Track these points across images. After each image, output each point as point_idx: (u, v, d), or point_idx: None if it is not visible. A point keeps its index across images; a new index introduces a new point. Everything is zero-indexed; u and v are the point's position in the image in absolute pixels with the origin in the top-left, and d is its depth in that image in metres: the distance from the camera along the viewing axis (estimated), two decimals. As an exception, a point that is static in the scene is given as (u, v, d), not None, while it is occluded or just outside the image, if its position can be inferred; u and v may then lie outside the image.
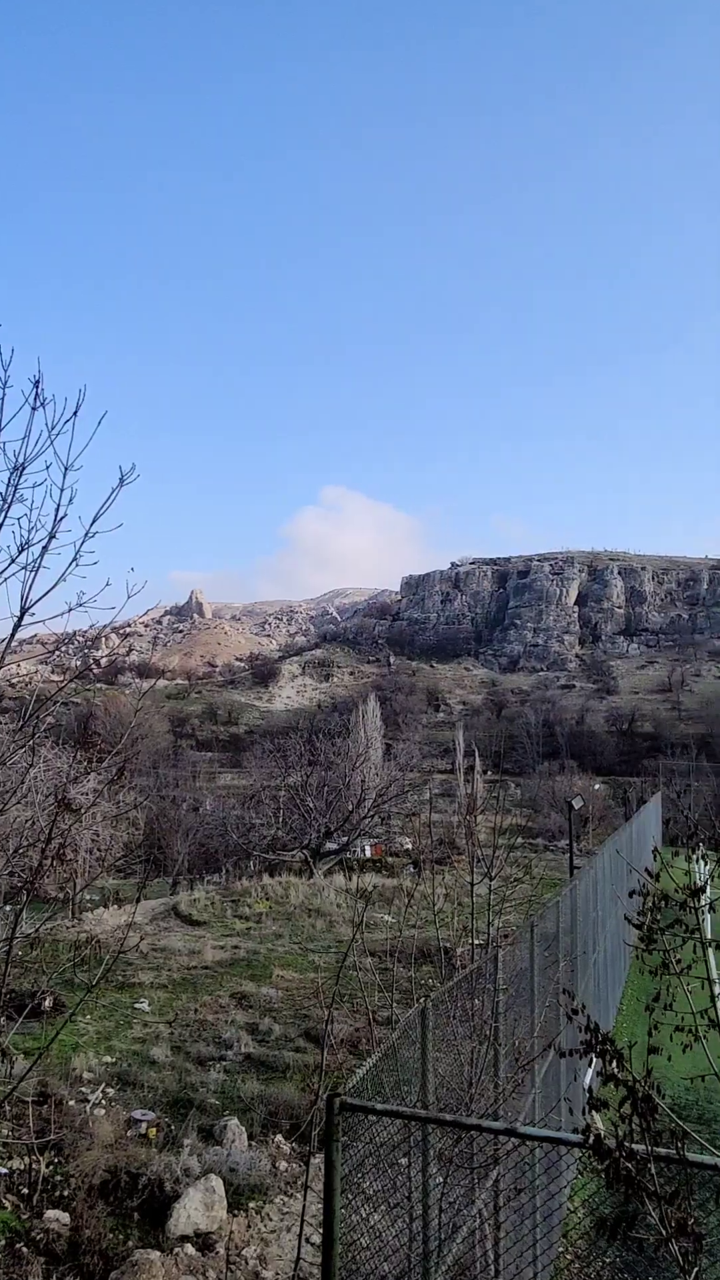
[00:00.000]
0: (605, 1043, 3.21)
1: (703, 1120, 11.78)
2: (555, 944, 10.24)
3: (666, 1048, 3.48)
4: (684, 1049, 3.45)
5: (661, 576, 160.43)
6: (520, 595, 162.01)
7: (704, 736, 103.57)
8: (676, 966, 3.56)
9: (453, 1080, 6.71)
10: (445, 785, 78.33)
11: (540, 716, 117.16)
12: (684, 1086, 10.99)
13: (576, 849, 36.66)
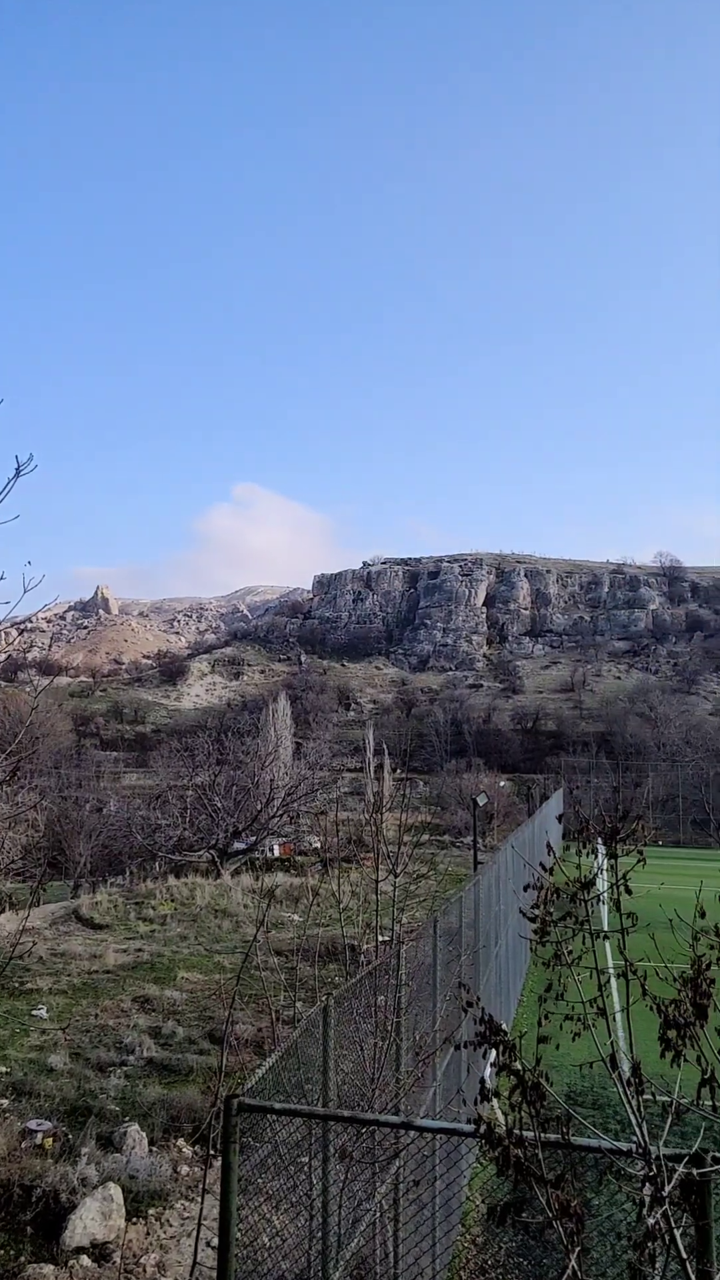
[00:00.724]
0: (498, 1034, 3.29)
1: (597, 1105, 12.18)
2: (458, 938, 10.43)
3: (556, 1037, 3.59)
4: (574, 1037, 3.56)
5: (565, 580, 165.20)
6: (430, 595, 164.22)
7: (603, 734, 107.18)
8: (568, 958, 3.67)
9: (356, 1076, 6.76)
10: (355, 783, 78.71)
11: (449, 715, 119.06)
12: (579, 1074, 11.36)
13: (481, 845, 37.40)
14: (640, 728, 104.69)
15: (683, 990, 3.19)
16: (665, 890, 5.64)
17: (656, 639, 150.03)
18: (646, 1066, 3.43)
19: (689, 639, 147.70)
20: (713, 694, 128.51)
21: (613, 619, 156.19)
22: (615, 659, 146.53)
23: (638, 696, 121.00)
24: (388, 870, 11.49)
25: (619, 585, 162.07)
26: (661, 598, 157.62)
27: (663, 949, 4.13)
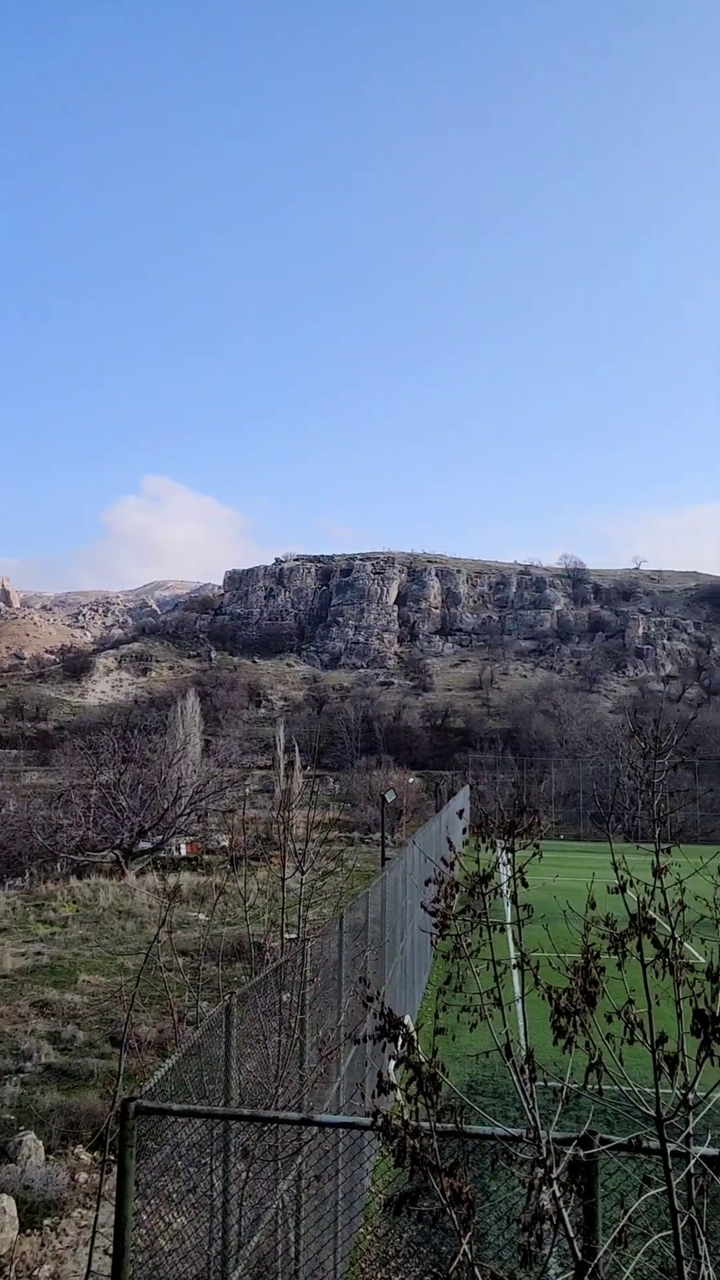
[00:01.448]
0: (397, 1027, 3.34)
1: (497, 1094, 12.48)
2: (365, 934, 10.52)
3: (455, 1028, 3.66)
4: (471, 1028, 3.64)
5: (475, 580, 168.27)
6: (343, 593, 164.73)
7: (509, 731, 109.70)
8: (467, 950, 3.75)
9: (260, 1074, 6.74)
10: (265, 781, 78.32)
11: (360, 712, 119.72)
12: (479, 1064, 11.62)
13: (390, 841, 37.76)
14: (544, 725, 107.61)
15: (574, 979, 3.30)
16: (560, 883, 5.84)
17: (561, 639, 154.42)
18: (543, 1054, 3.54)
19: (591, 639, 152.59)
20: (613, 692, 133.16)
21: (520, 619, 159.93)
22: (522, 658, 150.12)
23: (542, 694, 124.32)
24: (295, 867, 11.48)
25: (526, 586, 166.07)
26: (566, 599, 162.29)
27: (557, 940, 4.27)
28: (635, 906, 3.28)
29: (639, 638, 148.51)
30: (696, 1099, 3.38)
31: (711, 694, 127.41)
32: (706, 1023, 2.81)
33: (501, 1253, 4.52)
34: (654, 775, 3.73)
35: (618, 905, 3.63)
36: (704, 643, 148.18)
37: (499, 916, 3.98)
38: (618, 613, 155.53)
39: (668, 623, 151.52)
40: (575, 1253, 2.92)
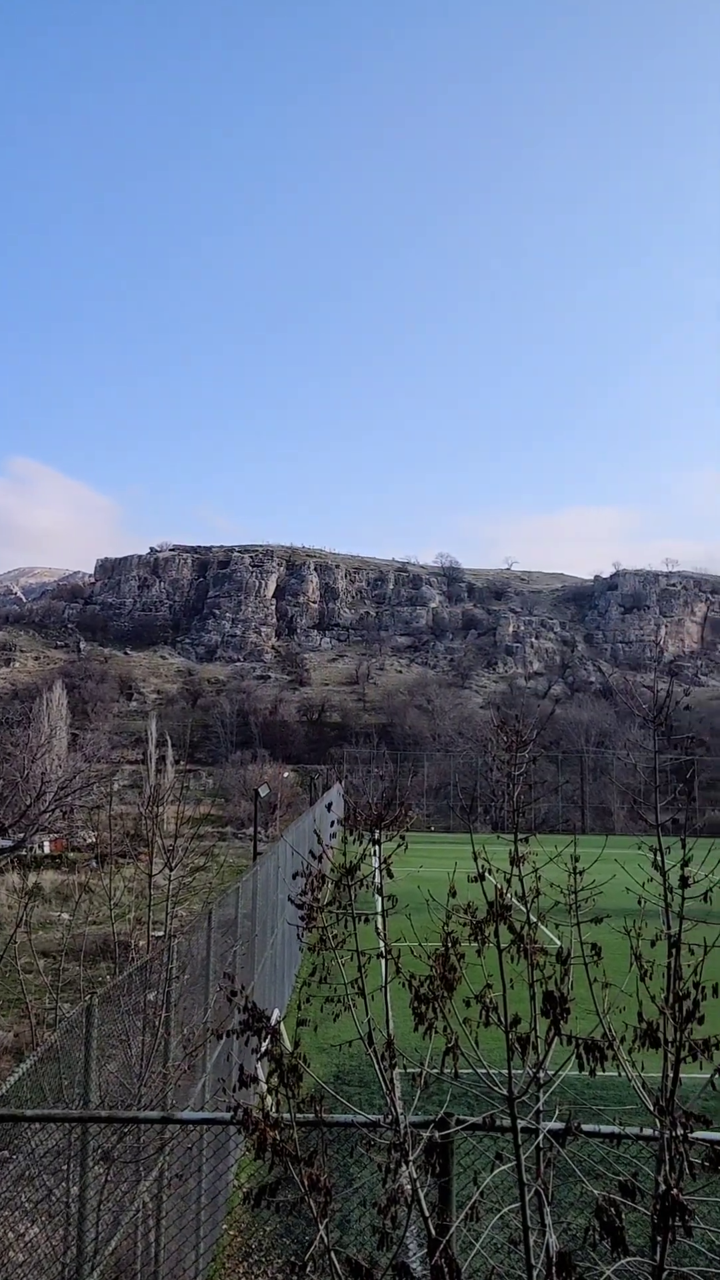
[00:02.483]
0: (261, 1020, 3.35)
1: (363, 1083, 12.66)
2: (235, 929, 10.46)
3: (318, 1019, 3.70)
4: (335, 1018, 3.69)
5: (353, 575, 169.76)
6: (220, 585, 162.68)
7: (385, 726, 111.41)
8: (332, 942, 3.79)
9: (123, 1075, 6.60)
10: (135, 776, 76.39)
11: (235, 706, 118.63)
12: (348, 1053, 11.78)
13: (263, 835, 37.64)
14: (418, 720, 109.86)
15: (434, 966, 3.40)
16: (425, 873, 5.98)
17: (436, 635, 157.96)
18: (407, 1041, 3.63)
19: (464, 636, 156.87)
20: (484, 688, 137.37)
21: (396, 615, 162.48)
22: (398, 653, 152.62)
23: (417, 690, 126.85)
24: (164, 864, 11.28)
25: (403, 583, 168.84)
26: (441, 596, 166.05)
27: (421, 929, 4.38)
28: (493, 895, 3.41)
29: (509, 636, 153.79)
30: (547, 1076, 3.55)
31: (575, 691, 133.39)
32: (555, 1004, 2.95)
33: (364, 1237, 4.61)
34: (514, 767, 3.88)
35: (481, 894, 3.76)
36: (569, 642, 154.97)
37: (369, 908, 4.05)
38: (490, 611, 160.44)
39: (536, 622, 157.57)
40: (430, 1230, 3.02)
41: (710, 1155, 2.79)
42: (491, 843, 4.19)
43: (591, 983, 3.56)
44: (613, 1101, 4.55)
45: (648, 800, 4.25)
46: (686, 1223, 2.70)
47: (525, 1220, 2.90)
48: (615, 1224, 2.65)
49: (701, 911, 3.60)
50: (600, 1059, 3.02)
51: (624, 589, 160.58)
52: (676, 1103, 2.98)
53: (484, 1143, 4.10)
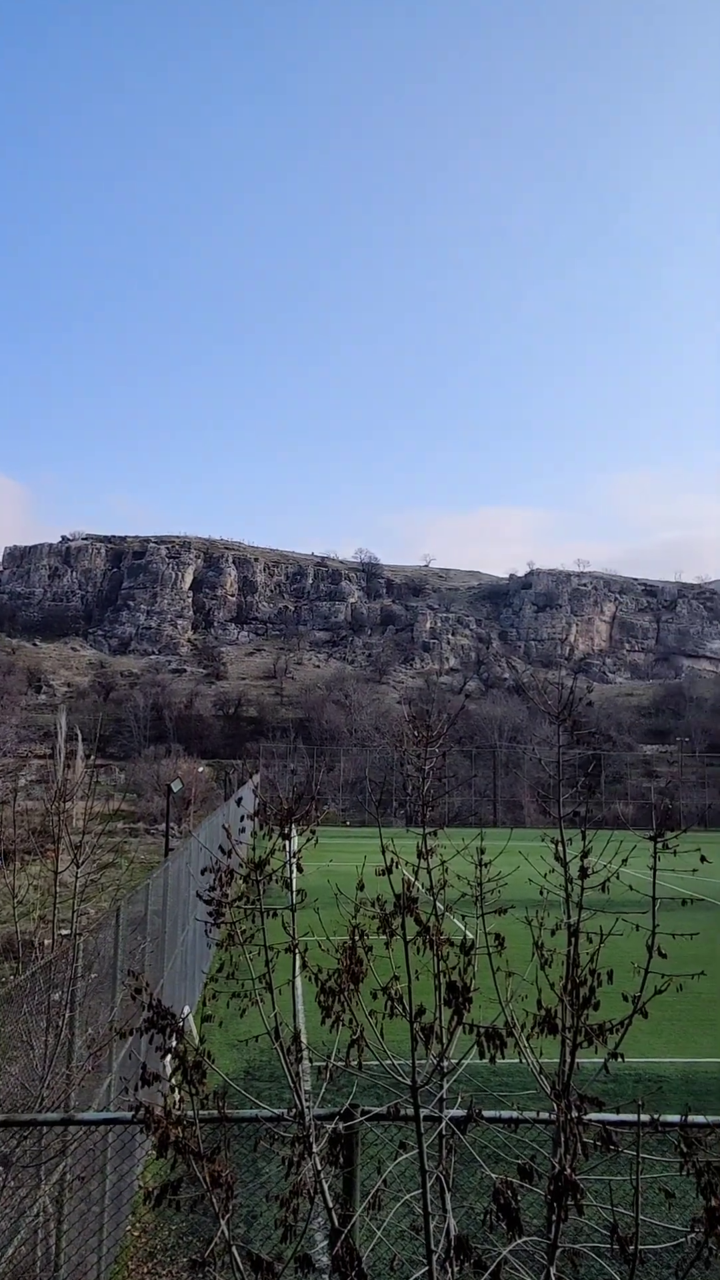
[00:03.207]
0: (166, 1018, 3.31)
1: (273, 1077, 12.65)
2: (144, 927, 10.29)
3: (226, 1016, 3.68)
4: (241, 1014, 3.68)
5: (272, 569, 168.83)
6: (135, 576, 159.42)
7: (302, 721, 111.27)
8: (240, 937, 3.78)
9: (26, 1077, 6.43)
10: (44, 771, 74.24)
11: (149, 700, 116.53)
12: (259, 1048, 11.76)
13: (176, 831, 37.14)
14: (336, 714, 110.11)
15: (341, 959, 3.43)
16: (336, 867, 6.02)
17: (354, 631, 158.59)
18: (318, 1034, 3.65)
19: (383, 632, 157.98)
20: (400, 684, 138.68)
21: (315, 610, 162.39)
22: (316, 648, 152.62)
23: (335, 685, 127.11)
24: (71, 860, 11.01)
25: (322, 578, 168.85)
26: (360, 592, 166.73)
27: (331, 922, 4.40)
28: (401, 887, 3.46)
29: (426, 632, 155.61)
30: (450, 1065, 3.62)
31: (489, 687, 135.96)
32: (458, 994, 3.01)
33: (271, 1231, 4.62)
34: (424, 761, 3.94)
35: (389, 887, 3.81)
36: (484, 639, 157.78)
37: (281, 903, 4.04)
38: (408, 607, 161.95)
39: (453, 619, 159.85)
40: (332, 1221, 3.04)
41: (602, 1135, 2.90)
42: (402, 836, 4.25)
43: (495, 972, 3.64)
44: (518, 1088, 4.68)
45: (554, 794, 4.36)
46: (579, 1201, 2.79)
47: (426, 1206, 2.96)
48: (511, 1206, 2.72)
49: (600, 901, 3.73)
50: (500, 1046, 3.10)
51: (537, 588, 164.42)
52: (573, 1086, 3.08)
53: (390, 1132, 4.16)
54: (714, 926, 24.55)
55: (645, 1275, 4.00)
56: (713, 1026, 14.61)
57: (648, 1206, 4.49)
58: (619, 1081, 11.50)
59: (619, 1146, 2.97)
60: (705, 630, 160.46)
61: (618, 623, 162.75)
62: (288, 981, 3.71)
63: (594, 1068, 3.55)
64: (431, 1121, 3.55)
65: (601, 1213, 3.19)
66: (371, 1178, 3.85)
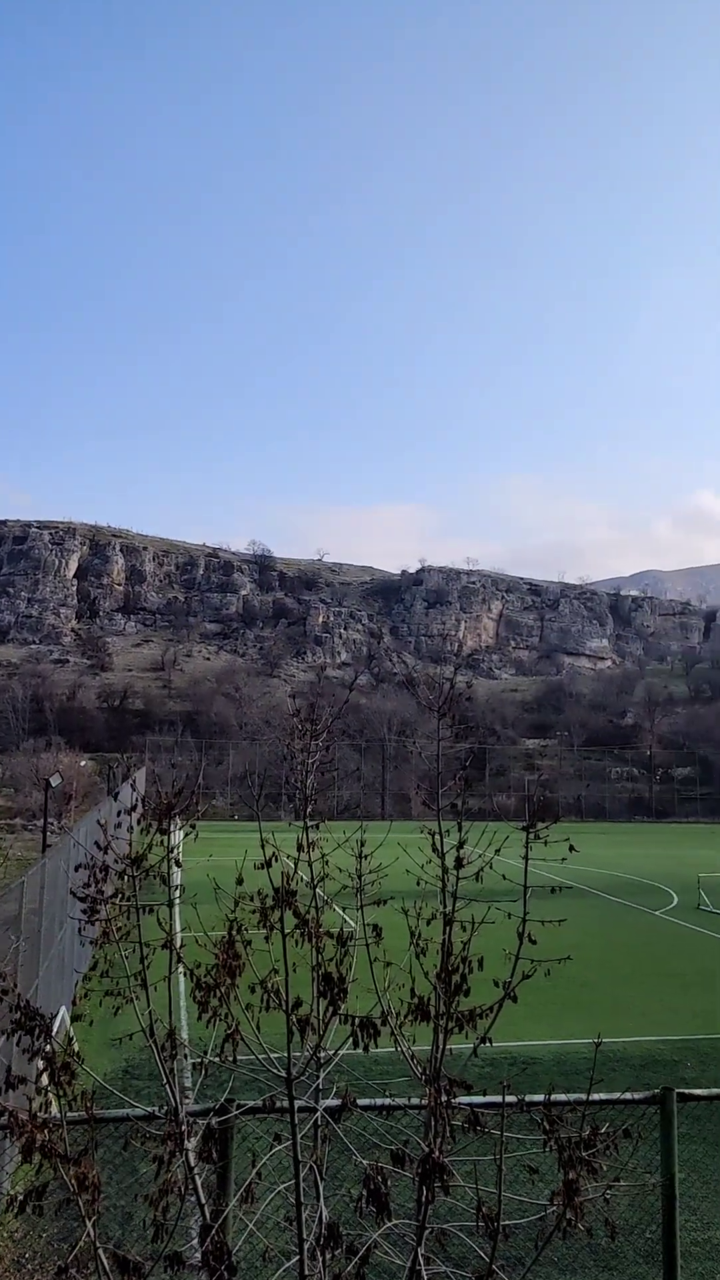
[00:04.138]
0: (34, 1019, 3.21)
1: (153, 1076, 12.45)
2: (19, 925, 9.93)
3: (99, 1015, 3.60)
4: (115, 1012, 3.60)
5: (162, 558, 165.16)
6: (15, 563, 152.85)
7: (190, 714, 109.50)
8: (116, 934, 3.70)
9: None
10: None
11: (29, 691, 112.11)
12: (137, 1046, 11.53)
13: (55, 827, 35.98)
14: (225, 708, 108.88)
15: (218, 954, 3.40)
16: (217, 860, 5.97)
17: (246, 623, 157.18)
18: (196, 1030, 3.61)
19: (275, 625, 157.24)
20: (292, 677, 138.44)
21: (206, 601, 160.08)
22: (206, 640, 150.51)
23: (225, 678, 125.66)
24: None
25: (214, 569, 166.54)
26: (252, 584, 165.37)
27: (207, 918, 4.37)
28: (280, 880, 3.46)
29: (319, 626, 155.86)
30: (327, 1056, 3.66)
31: (380, 681, 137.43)
32: (332, 984, 3.04)
33: (146, 1231, 4.55)
34: (306, 755, 3.95)
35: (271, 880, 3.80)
36: (375, 633, 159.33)
37: (161, 899, 3.97)
38: (300, 601, 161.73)
39: (345, 613, 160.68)
40: (204, 1216, 3.02)
41: (470, 1118, 2.99)
42: (284, 830, 4.25)
43: (373, 963, 3.70)
44: (397, 1075, 4.77)
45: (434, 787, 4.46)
46: (446, 1182, 2.88)
47: (299, 1196, 2.98)
48: (381, 1191, 2.78)
49: (475, 890, 3.83)
50: (374, 1035, 3.15)
51: (428, 585, 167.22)
52: (443, 1072, 3.16)
53: (269, 1125, 4.16)
54: (584, 913, 25.67)
55: (511, 1249, 4.15)
56: (584, 1009, 15.27)
57: (515, 1184, 4.67)
58: (495, 1065, 11.88)
59: (486, 1127, 3.07)
60: (585, 629, 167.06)
61: (504, 620, 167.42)
62: (164, 978, 3.66)
63: (469, 1053, 3.65)
64: (307, 1112, 3.58)
65: (470, 1192, 3.29)
66: (249, 1171, 3.85)
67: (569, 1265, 7.13)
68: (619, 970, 18.26)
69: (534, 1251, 3.16)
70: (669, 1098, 4.87)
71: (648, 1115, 5.45)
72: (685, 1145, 9.30)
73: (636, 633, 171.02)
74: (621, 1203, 7.39)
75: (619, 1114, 5.50)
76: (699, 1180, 8.73)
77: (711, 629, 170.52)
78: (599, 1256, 7.25)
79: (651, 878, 35.37)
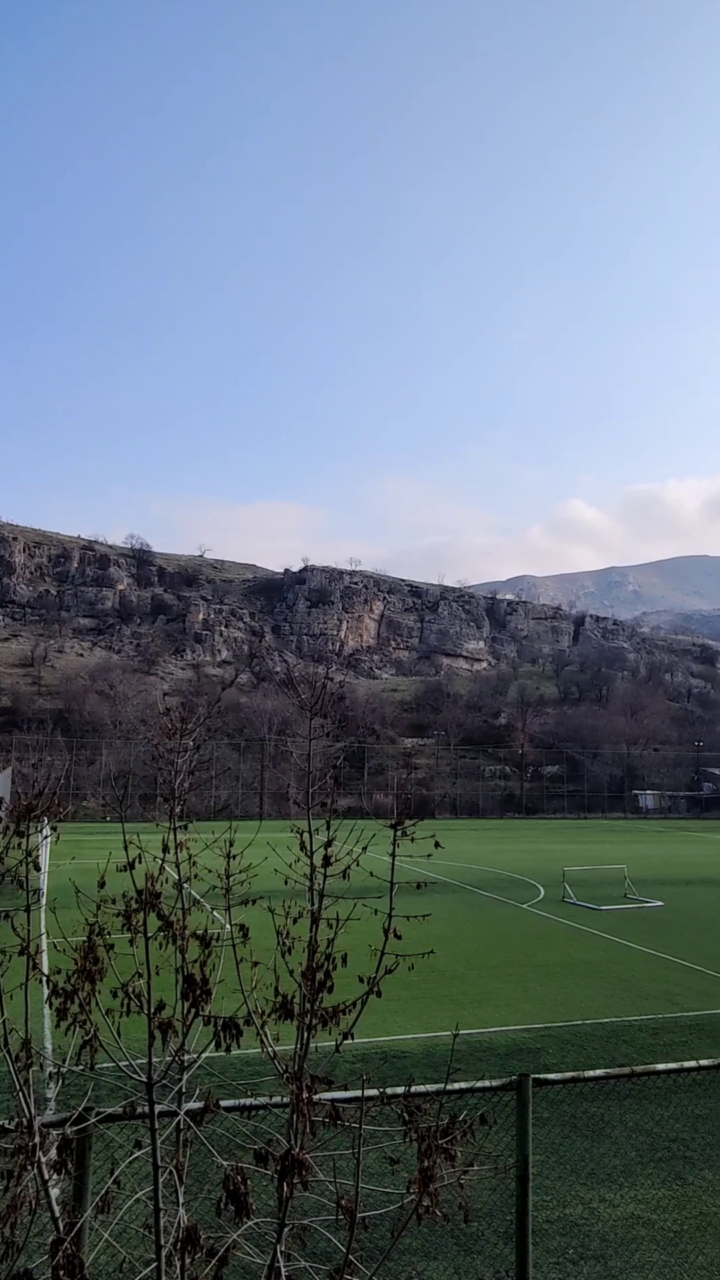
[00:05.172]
0: None
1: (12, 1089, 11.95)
2: None
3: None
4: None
5: (33, 550, 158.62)
6: None
7: (61, 712, 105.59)
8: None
9: None
10: None
11: None
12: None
13: None
14: (99, 705, 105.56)
15: (78, 959, 3.31)
16: (80, 863, 5.80)
17: (122, 619, 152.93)
18: (56, 1038, 3.49)
19: (153, 621, 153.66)
20: (170, 675, 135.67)
21: (80, 595, 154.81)
22: (80, 636, 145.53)
23: (99, 675, 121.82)
24: None
25: (89, 562, 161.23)
26: (130, 579, 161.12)
27: (68, 922, 4.23)
28: (144, 883, 3.39)
29: (199, 623, 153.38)
30: (191, 1059, 3.61)
31: (261, 680, 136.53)
32: (194, 986, 3.01)
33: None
34: (175, 755, 3.89)
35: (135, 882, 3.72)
36: (258, 632, 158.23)
37: (19, 903, 3.82)
38: (180, 597, 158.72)
39: (226, 611, 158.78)
40: (57, 1229, 2.93)
41: (330, 1112, 3.02)
42: (151, 831, 4.17)
43: (239, 963, 3.68)
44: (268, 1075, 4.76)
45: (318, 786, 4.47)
46: (304, 1178, 2.90)
47: (157, 1202, 2.94)
48: (240, 1191, 2.77)
49: (343, 888, 3.88)
50: (236, 1036, 3.14)
51: (311, 584, 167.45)
52: (306, 1069, 3.18)
53: (136, 1132, 4.07)
54: (455, 907, 26.36)
55: (374, 1240, 4.23)
56: (452, 1001, 15.65)
57: (380, 1176, 4.75)
58: (366, 1061, 12.03)
59: (346, 1121, 3.11)
60: (463, 631, 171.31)
61: (385, 621, 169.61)
62: (20, 985, 3.53)
63: (344, 1049, 3.69)
64: (170, 1116, 3.52)
65: (331, 1187, 3.32)
66: (105, 1181, 3.76)
67: (431, 1252, 7.31)
68: (487, 962, 18.83)
69: (395, 1241, 3.23)
70: (525, 1084, 5.08)
71: (509, 1102, 5.65)
72: (545, 1129, 9.70)
73: (511, 635, 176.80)
74: (483, 1187, 7.63)
75: (481, 1102, 5.67)
76: (556, 1161, 9.11)
77: (580, 633, 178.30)
78: (461, 1241, 7.45)
79: (520, 872, 36.65)
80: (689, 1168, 9.15)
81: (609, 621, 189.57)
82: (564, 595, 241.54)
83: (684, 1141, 9.73)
